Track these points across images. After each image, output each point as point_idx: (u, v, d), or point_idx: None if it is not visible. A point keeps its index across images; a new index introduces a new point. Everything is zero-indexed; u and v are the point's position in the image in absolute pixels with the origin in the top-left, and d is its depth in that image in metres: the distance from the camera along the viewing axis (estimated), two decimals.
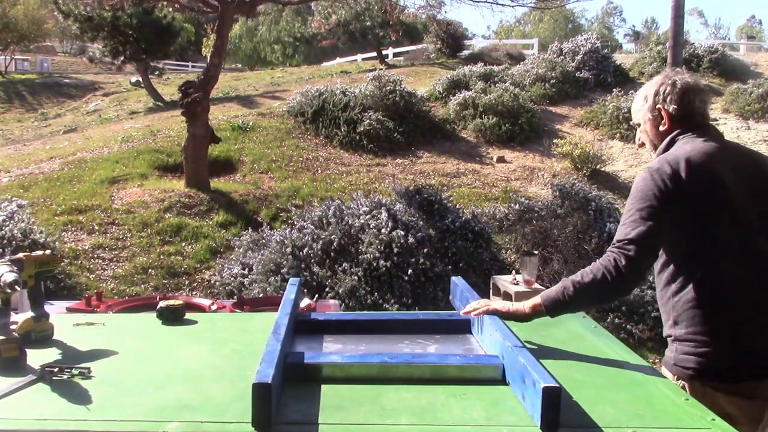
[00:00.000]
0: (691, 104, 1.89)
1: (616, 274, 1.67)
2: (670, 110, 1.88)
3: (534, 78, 14.40)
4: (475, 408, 1.29)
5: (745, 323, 1.75)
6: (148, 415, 1.25)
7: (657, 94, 1.91)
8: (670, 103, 1.88)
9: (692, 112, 1.89)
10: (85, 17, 14.98)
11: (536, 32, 48.35)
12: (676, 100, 1.88)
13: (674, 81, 1.90)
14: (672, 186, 1.73)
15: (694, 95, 1.90)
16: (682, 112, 1.88)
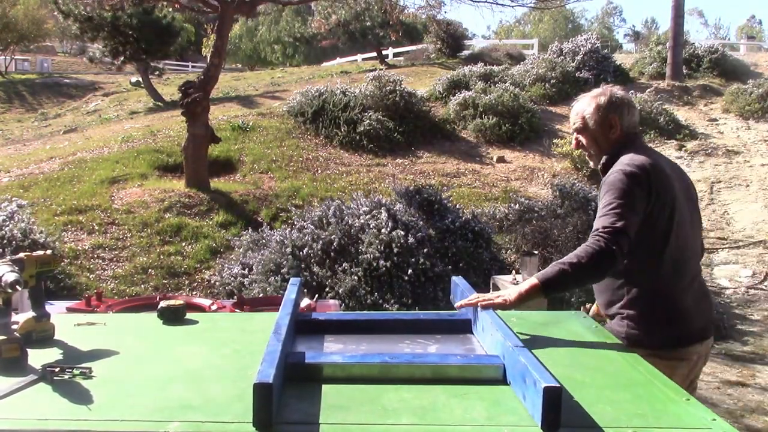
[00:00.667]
0: (633, 116, 2.24)
1: (607, 258, 1.89)
2: (621, 120, 2.20)
3: (534, 78, 14.40)
4: (476, 408, 1.29)
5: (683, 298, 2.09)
6: (149, 414, 1.25)
7: (610, 105, 2.20)
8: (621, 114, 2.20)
9: (634, 123, 2.25)
10: (85, 17, 14.98)
11: (536, 32, 48.36)
12: (625, 111, 2.21)
13: (621, 95, 2.24)
14: (645, 185, 2.01)
15: (635, 109, 2.27)
16: (629, 123, 2.23)
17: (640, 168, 2.04)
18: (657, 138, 12.02)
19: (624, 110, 2.22)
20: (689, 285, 2.12)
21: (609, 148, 2.21)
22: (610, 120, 2.20)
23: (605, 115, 2.20)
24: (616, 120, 2.20)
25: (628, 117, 2.23)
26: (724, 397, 4.66)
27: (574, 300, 5.85)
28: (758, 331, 6.09)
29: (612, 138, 2.21)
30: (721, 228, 9.13)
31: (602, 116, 2.21)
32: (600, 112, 2.21)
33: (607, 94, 2.24)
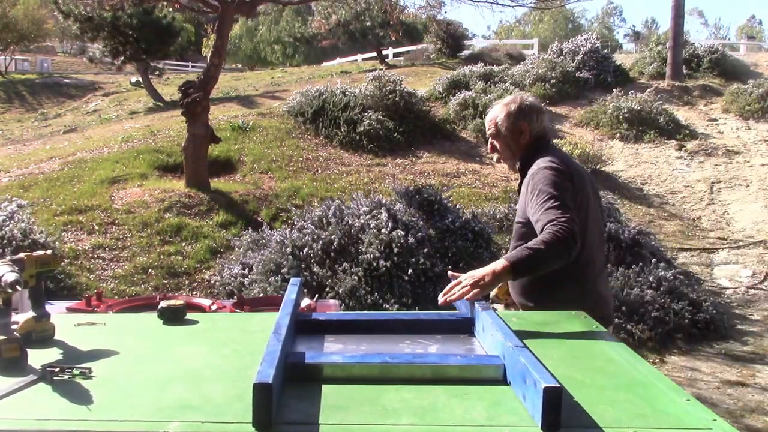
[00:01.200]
0: (542, 122, 2.41)
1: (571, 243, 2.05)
2: (531, 126, 2.37)
3: (534, 78, 14.41)
4: (476, 408, 1.29)
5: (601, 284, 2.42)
6: (148, 415, 1.25)
7: (520, 112, 2.38)
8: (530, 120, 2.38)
9: (543, 128, 2.42)
10: (85, 17, 14.98)
11: (536, 32, 48.37)
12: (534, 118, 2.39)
13: (531, 102, 2.42)
14: (571, 180, 2.25)
15: (544, 115, 2.44)
16: (538, 128, 2.40)
17: (564, 167, 2.27)
18: (657, 138, 12.02)
19: (533, 117, 2.38)
20: (601, 273, 2.46)
21: (521, 152, 2.39)
22: (520, 126, 2.37)
23: (515, 122, 2.37)
24: (525, 126, 2.37)
25: (537, 123, 2.39)
26: (724, 397, 4.66)
27: None
28: (758, 331, 6.09)
29: (522, 143, 2.38)
30: (721, 228, 9.13)
31: (513, 123, 2.37)
32: (511, 119, 2.37)
33: (517, 101, 2.40)
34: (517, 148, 2.40)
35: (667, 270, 6.29)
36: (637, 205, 9.69)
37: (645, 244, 6.85)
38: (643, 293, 5.87)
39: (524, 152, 2.38)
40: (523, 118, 2.37)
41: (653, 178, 10.72)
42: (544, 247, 2.02)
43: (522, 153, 2.39)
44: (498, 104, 2.45)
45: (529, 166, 2.32)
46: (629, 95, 13.11)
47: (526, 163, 2.35)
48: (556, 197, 2.15)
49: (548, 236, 2.04)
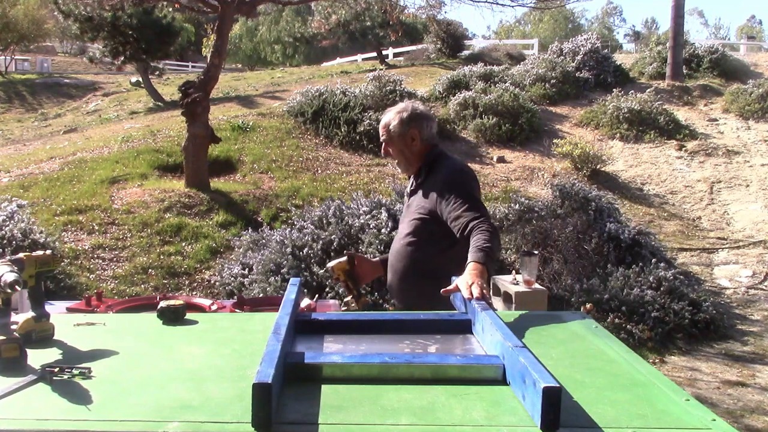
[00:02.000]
0: (431, 129, 2.54)
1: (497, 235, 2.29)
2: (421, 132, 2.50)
3: (534, 78, 14.40)
4: (476, 408, 1.29)
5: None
6: (148, 415, 1.25)
7: (411, 119, 2.49)
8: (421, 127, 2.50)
9: (433, 135, 2.55)
10: (85, 17, 14.99)
11: (536, 32, 48.37)
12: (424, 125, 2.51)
13: (421, 110, 2.54)
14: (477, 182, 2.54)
15: (433, 123, 2.57)
16: (428, 135, 2.53)
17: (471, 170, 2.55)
18: (657, 138, 12.02)
19: (423, 124, 2.51)
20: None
21: (414, 157, 2.53)
22: (411, 133, 2.49)
23: (407, 129, 2.48)
24: (416, 133, 2.49)
25: (427, 130, 2.52)
26: (724, 397, 4.66)
27: (574, 300, 5.86)
28: (758, 331, 6.09)
29: (414, 149, 2.51)
30: (721, 228, 9.13)
31: (404, 130, 2.49)
32: (402, 126, 2.49)
33: (409, 109, 2.51)
34: (409, 153, 2.53)
35: (667, 270, 6.29)
36: (637, 205, 9.69)
37: (645, 244, 6.85)
38: (643, 293, 5.87)
39: (420, 157, 2.53)
40: (415, 125, 2.49)
41: (653, 178, 10.72)
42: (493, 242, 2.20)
43: (416, 158, 2.53)
44: (391, 111, 2.56)
45: (434, 169, 2.49)
46: (629, 95, 13.11)
47: (431, 167, 2.51)
48: (476, 198, 2.41)
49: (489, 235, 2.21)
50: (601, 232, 6.77)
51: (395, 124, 2.51)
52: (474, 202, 2.36)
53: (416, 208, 2.51)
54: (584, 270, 6.35)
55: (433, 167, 2.50)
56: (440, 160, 2.52)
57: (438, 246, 2.44)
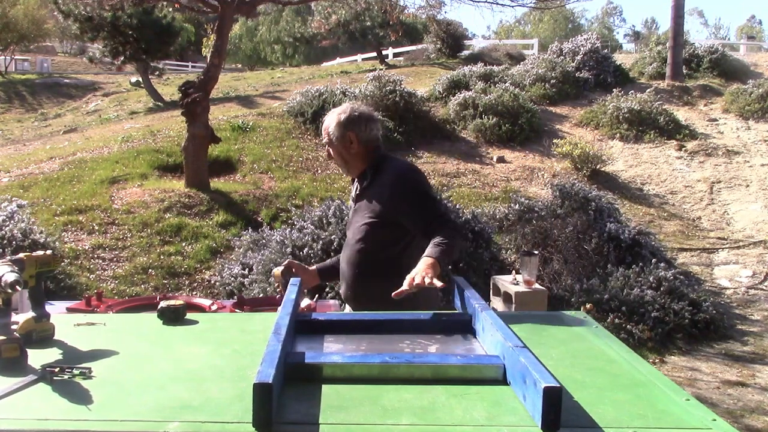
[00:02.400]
0: (371, 131, 2.48)
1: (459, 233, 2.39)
2: (360, 135, 2.45)
3: (534, 78, 14.40)
4: (476, 408, 1.29)
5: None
6: (148, 415, 1.25)
7: (348, 122, 2.45)
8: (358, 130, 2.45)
9: (374, 137, 2.49)
10: (85, 17, 14.99)
11: (536, 32, 48.37)
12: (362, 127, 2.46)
13: (360, 112, 2.48)
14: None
15: (374, 124, 2.50)
16: (367, 137, 2.47)
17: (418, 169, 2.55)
18: (657, 138, 12.02)
19: (361, 126, 2.46)
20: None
21: (353, 160, 2.49)
22: (348, 135, 2.44)
23: (344, 131, 2.45)
24: (353, 135, 2.44)
25: (366, 132, 2.47)
26: (724, 397, 4.66)
27: (574, 300, 5.86)
28: (758, 331, 6.09)
29: (352, 151, 2.47)
30: (721, 228, 9.13)
31: (342, 132, 2.45)
32: (340, 129, 2.45)
33: (347, 111, 2.48)
34: (348, 156, 2.49)
35: (667, 270, 6.29)
36: (637, 205, 9.69)
37: (645, 244, 6.85)
38: (643, 293, 5.87)
39: (361, 160, 2.49)
40: (351, 127, 2.45)
41: (653, 178, 10.72)
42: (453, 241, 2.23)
43: (356, 161, 2.50)
44: (332, 113, 2.53)
45: (380, 172, 2.45)
46: (629, 95, 13.11)
47: (377, 169, 2.47)
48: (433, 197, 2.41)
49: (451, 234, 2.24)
50: (601, 232, 6.77)
51: (333, 127, 2.48)
52: (432, 202, 2.38)
53: (365, 213, 2.47)
54: (584, 270, 6.35)
55: (379, 170, 2.46)
56: (385, 162, 2.49)
57: (390, 250, 2.42)
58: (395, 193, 2.38)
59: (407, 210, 2.36)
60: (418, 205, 2.35)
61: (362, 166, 2.50)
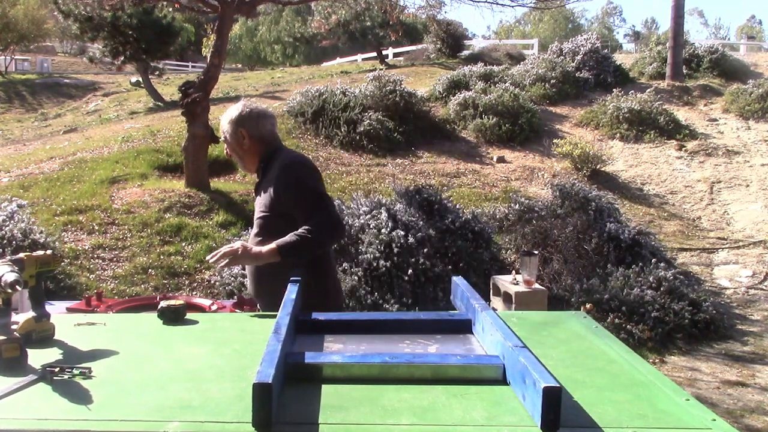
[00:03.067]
0: (264, 127, 2.52)
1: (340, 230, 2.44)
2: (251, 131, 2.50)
3: (534, 78, 14.40)
4: (476, 408, 1.29)
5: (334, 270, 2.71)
6: (148, 414, 1.25)
7: (239, 119, 2.50)
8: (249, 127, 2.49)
9: (267, 132, 2.53)
10: (85, 17, 14.98)
11: (536, 32, 48.36)
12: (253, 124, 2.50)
13: (251, 109, 2.53)
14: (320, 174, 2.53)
15: (266, 120, 2.54)
16: (260, 133, 2.51)
17: (311, 163, 2.55)
18: (657, 138, 12.02)
19: (253, 123, 2.50)
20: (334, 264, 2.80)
21: (248, 156, 2.53)
22: (240, 132, 2.50)
23: (236, 128, 2.50)
24: (245, 132, 2.49)
25: (259, 128, 2.51)
26: (724, 397, 4.66)
27: (574, 300, 5.86)
28: (758, 331, 6.09)
29: (245, 148, 2.52)
30: (721, 228, 9.13)
31: (234, 129, 2.51)
32: (232, 126, 2.51)
33: (239, 109, 2.53)
34: (242, 152, 2.54)
35: (667, 270, 6.29)
36: (637, 205, 9.69)
37: (645, 244, 6.85)
38: (643, 293, 5.87)
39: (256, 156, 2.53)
40: (242, 124, 2.50)
41: (653, 178, 10.72)
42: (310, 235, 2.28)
43: (251, 157, 2.54)
44: (226, 113, 2.58)
45: (270, 166, 2.48)
46: (629, 95, 13.11)
47: (267, 164, 2.51)
48: (321, 193, 2.41)
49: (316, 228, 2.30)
50: (601, 232, 6.77)
51: (226, 125, 2.54)
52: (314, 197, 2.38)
53: (260, 207, 2.51)
54: (584, 270, 6.35)
55: (269, 165, 2.50)
56: (275, 157, 2.51)
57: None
58: (279, 185, 2.40)
59: (291, 202, 2.39)
60: (300, 198, 2.38)
61: (257, 161, 2.54)
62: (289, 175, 2.41)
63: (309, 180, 2.43)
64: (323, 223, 2.32)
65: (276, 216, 2.42)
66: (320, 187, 2.46)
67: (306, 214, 2.34)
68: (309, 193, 2.39)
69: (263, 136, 2.52)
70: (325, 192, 2.45)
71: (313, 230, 2.29)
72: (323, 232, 2.33)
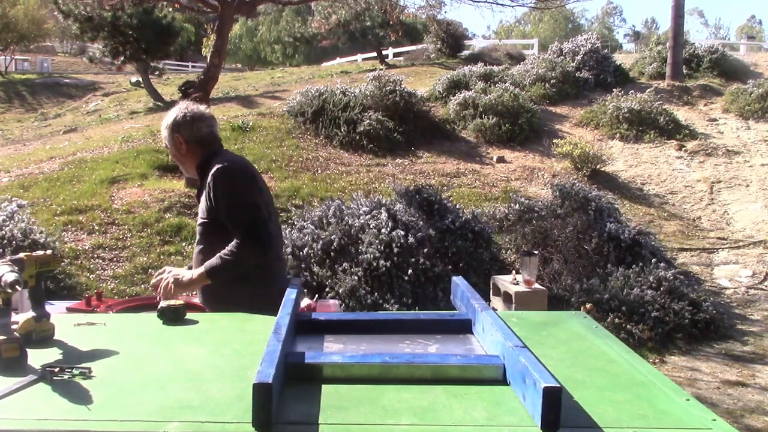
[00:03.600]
0: (200, 130, 2.48)
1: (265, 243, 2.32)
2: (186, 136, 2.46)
3: (534, 78, 14.39)
4: (476, 408, 1.29)
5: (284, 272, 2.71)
6: (148, 415, 1.25)
7: (174, 124, 2.47)
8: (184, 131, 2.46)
9: (205, 134, 2.49)
10: (85, 17, 14.98)
11: (536, 32, 48.35)
12: (188, 128, 2.47)
13: (185, 113, 2.49)
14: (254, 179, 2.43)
15: (203, 122, 2.49)
16: (196, 137, 2.47)
17: (244, 168, 2.45)
18: (657, 138, 12.02)
19: (188, 126, 2.47)
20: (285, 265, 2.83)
21: (186, 160, 2.50)
22: (176, 137, 2.48)
23: (172, 134, 2.49)
24: (180, 137, 2.47)
25: (195, 132, 2.47)
26: (724, 397, 4.66)
27: (574, 300, 5.86)
28: (758, 331, 6.09)
29: (183, 152, 2.49)
30: (721, 228, 9.13)
31: (170, 135, 2.49)
32: (169, 131, 2.50)
33: (174, 113, 2.51)
34: (180, 157, 2.52)
35: (667, 270, 6.29)
36: (637, 205, 9.69)
37: (645, 244, 6.85)
38: (643, 293, 5.87)
39: (194, 160, 2.48)
40: (177, 129, 2.48)
41: (653, 178, 10.72)
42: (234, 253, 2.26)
43: (189, 161, 2.50)
44: (168, 114, 2.56)
45: (206, 172, 2.41)
46: (629, 95, 13.11)
47: (205, 168, 2.44)
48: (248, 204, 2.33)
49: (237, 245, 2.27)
50: (601, 232, 6.77)
51: (164, 130, 2.53)
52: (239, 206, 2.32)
53: (200, 213, 2.47)
54: (584, 270, 6.35)
55: (205, 170, 2.43)
56: (212, 161, 2.43)
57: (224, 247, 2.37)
58: (209, 193, 2.36)
59: (222, 214, 2.34)
60: (228, 212, 2.33)
61: (196, 165, 2.50)
62: (217, 184, 2.34)
63: (237, 190, 2.35)
64: (245, 244, 2.27)
65: (214, 223, 2.38)
66: (248, 196, 2.35)
67: (234, 228, 2.31)
68: (236, 206, 2.33)
69: (200, 139, 2.48)
70: (253, 201, 2.35)
71: (237, 252, 2.27)
72: (246, 254, 2.28)
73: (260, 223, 2.31)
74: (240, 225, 2.30)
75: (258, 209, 2.34)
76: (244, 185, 2.38)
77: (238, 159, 2.54)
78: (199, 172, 2.48)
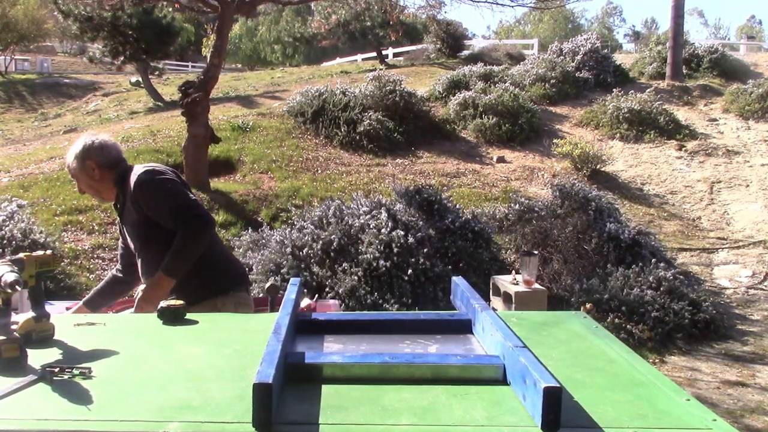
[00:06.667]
0: (109, 154, 2.58)
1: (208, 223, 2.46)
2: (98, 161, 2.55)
3: (534, 78, 14.40)
4: (476, 408, 1.29)
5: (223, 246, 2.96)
6: (148, 415, 1.24)
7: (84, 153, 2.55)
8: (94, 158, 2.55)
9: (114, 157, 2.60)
10: (85, 17, 14.98)
11: (536, 32, 48.35)
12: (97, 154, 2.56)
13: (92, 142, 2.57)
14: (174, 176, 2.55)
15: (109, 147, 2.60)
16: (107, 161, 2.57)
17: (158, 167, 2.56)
18: (657, 138, 12.02)
19: (98, 152, 2.56)
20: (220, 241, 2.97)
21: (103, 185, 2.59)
22: (87, 164, 2.55)
23: (83, 162, 2.55)
24: (92, 163, 2.55)
25: (104, 157, 2.57)
26: (724, 397, 4.66)
27: (574, 300, 5.86)
28: (758, 331, 6.09)
29: (97, 178, 2.58)
30: (721, 228, 9.13)
31: (81, 163, 2.56)
32: (78, 161, 2.56)
33: (80, 144, 2.58)
34: (96, 184, 2.61)
35: (667, 270, 6.29)
36: (637, 205, 9.69)
37: (645, 244, 6.85)
38: (643, 293, 5.87)
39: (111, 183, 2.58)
40: (89, 156, 2.55)
41: (653, 178, 10.72)
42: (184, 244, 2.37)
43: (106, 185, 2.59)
44: (70, 150, 2.62)
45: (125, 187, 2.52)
46: (629, 95, 13.11)
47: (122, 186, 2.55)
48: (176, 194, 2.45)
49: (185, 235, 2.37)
50: (601, 232, 6.77)
51: (72, 161, 2.58)
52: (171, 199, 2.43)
53: (133, 230, 2.55)
54: (584, 270, 6.35)
55: (123, 185, 2.54)
56: (127, 177, 2.54)
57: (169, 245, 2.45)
58: (139, 203, 2.45)
59: (156, 215, 2.44)
60: (161, 208, 2.43)
61: (113, 187, 2.59)
62: (146, 189, 2.45)
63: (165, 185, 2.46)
64: (190, 225, 2.38)
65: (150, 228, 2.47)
66: (174, 188, 2.47)
67: (176, 218, 2.40)
68: (170, 198, 2.43)
69: (111, 162, 2.57)
70: (180, 191, 2.48)
71: (187, 236, 2.37)
72: (195, 233, 2.40)
73: (193, 202, 2.46)
74: (178, 210, 2.40)
75: (185, 192, 2.49)
76: (167, 180, 2.49)
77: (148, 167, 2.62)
78: (119, 193, 2.58)
